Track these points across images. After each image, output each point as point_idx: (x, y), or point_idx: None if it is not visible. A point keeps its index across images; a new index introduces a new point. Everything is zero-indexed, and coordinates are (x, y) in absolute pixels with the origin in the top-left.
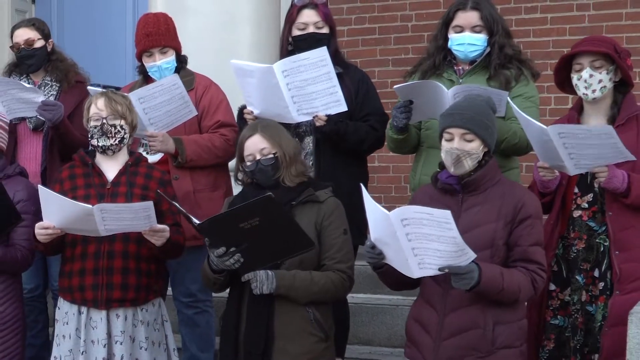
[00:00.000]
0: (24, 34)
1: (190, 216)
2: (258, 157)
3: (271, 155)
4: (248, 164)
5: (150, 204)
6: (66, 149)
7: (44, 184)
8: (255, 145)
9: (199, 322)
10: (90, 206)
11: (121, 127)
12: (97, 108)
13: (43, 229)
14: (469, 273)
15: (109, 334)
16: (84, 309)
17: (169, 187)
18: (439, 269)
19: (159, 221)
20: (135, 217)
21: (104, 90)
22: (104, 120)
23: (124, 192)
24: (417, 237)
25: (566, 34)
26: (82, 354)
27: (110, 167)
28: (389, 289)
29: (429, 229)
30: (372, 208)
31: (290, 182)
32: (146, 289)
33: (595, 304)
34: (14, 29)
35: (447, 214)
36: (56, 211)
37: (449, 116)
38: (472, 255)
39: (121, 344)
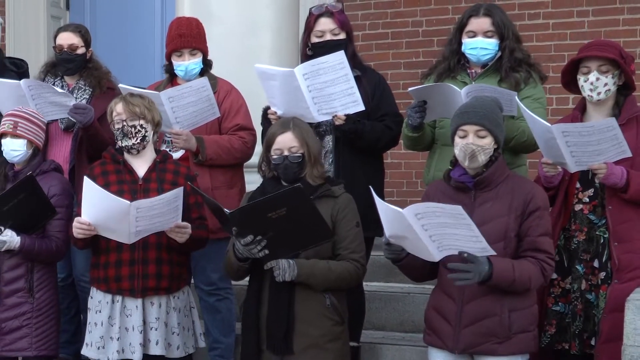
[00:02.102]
0: (69, 39)
1: (221, 206)
2: (286, 153)
3: (299, 154)
4: (275, 157)
5: (180, 190)
6: (94, 150)
7: (72, 182)
8: (286, 142)
9: (221, 308)
10: (128, 202)
11: (141, 126)
12: (117, 112)
13: (79, 224)
14: (481, 265)
15: (144, 321)
16: (118, 298)
17: (194, 183)
18: (459, 253)
19: (185, 214)
20: (167, 210)
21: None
22: (124, 123)
23: (155, 188)
24: (432, 227)
25: (567, 38)
26: (117, 340)
27: (140, 165)
28: (401, 278)
29: (444, 219)
30: (384, 208)
31: (313, 181)
32: (178, 278)
33: (596, 292)
34: (59, 30)
35: (458, 208)
36: (96, 205)
37: (464, 114)
38: (486, 245)
39: (156, 329)
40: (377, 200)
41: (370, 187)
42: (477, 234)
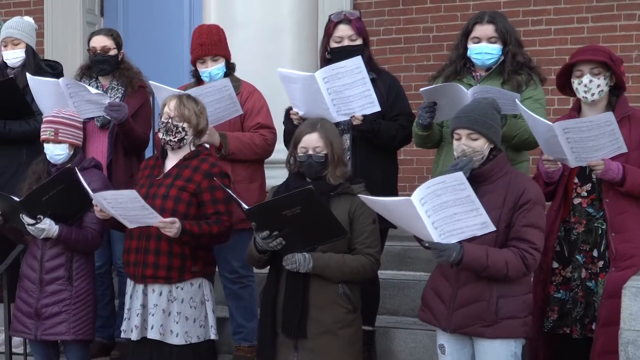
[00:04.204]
0: (102, 42)
1: (241, 202)
2: (311, 152)
3: (323, 154)
4: (300, 154)
5: (133, 192)
6: (129, 144)
7: (110, 175)
8: (311, 142)
9: (243, 295)
10: (91, 192)
11: (183, 128)
12: (169, 108)
13: (96, 207)
14: (446, 251)
15: (144, 306)
16: (131, 282)
17: (217, 179)
18: (421, 243)
19: (202, 210)
20: (134, 207)
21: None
22: (170, 120)
23: (168, 183)
24: (435, 211)
25: (568, 43)
26: (126, 320)
27: (172, 161)
28: (413, 267)
29: (445, 197)
30: (390, 200)
31: (334, 180)
32: (179, 270)
33: (596, 280)
34: (93, 34)
35: (459, 175)
36: (91, 195)
37: (457, 119)
38: (486, 219)
39: (153, 315)
40: (375, 199)
41: (359, 195)
42: (478, 206)
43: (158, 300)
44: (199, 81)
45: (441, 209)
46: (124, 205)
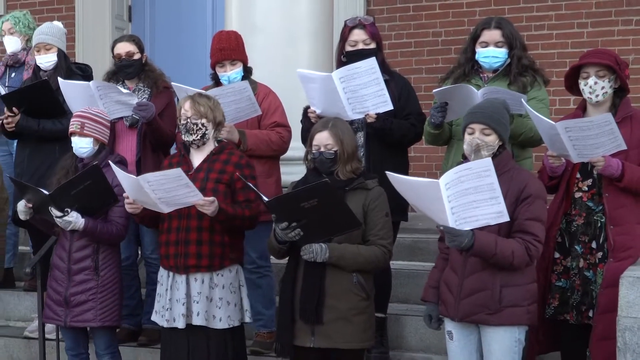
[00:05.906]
0: (125, 47)
1: (262, 195)
2: (322, 149)
3: (333, 151)
4: (313, 151)
5: (178, 170)
6: (157, 142)
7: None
8: (322, 140)
9: (261, 284)
10: (134, 177)
11: (202, 124)
12: (184, 109)
13: (125, 199)
14: (459, 237)
15: (188, 295)
16: (170, 274)
17: (246, 169)
18: (436, 227)
19: (233, 197)
20: (176, 185)
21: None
22: (188, 120)
23: (202, 177)
24: (455, 197)
25: (568, 47)
26: (168, 310)
27: (199, 157)
28: (422, 258)
29: (468, 183)
30: (418, 181)
31: (343, 176)
32: (220, 257)
33: (594, 270)
34: (116, 42)
35: (487, 161)
36: (125, 184)
37: (471, 114)
38: (503, 209)
39: (197, 302)
40: (402, 177)
41: (388, 172)
42: (498, 194)
43: (201, 288)
44: (217, 84)
45: (461, 196)
46: (166, 186)
